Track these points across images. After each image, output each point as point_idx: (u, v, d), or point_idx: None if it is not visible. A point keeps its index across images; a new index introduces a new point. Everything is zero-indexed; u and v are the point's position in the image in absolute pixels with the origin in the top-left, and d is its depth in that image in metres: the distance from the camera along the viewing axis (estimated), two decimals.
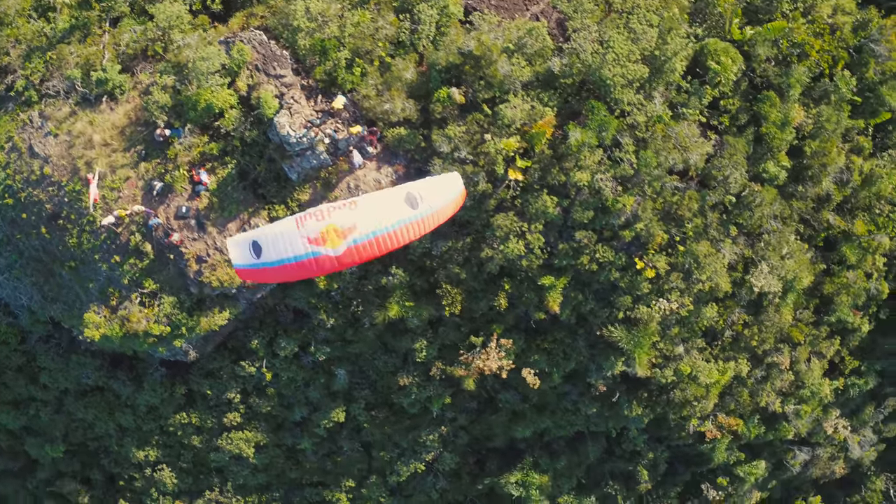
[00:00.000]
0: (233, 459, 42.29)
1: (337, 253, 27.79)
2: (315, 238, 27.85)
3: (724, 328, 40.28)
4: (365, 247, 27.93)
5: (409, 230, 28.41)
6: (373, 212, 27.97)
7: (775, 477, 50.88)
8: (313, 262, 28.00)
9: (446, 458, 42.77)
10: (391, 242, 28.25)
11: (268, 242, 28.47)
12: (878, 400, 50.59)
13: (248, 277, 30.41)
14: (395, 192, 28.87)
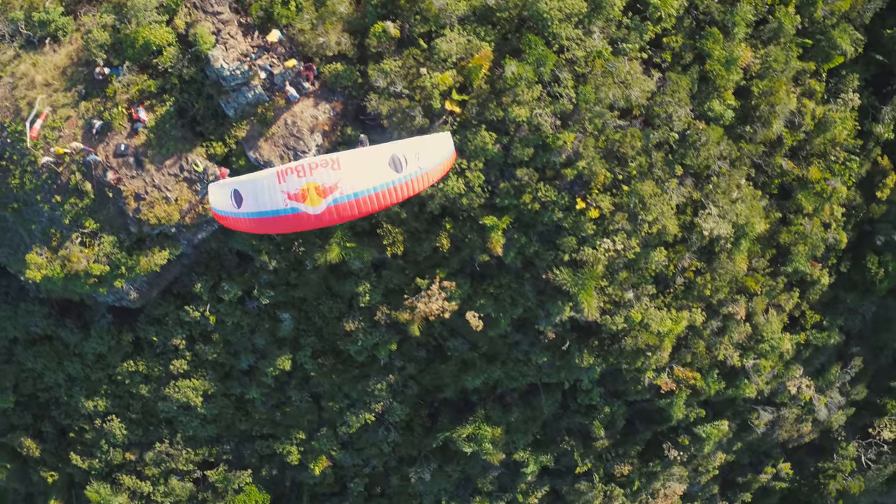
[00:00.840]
0: (181, 409, 42.41)
1: (316, 211, 27.89)
2: (295, 194, 27.90)
3: (675, 274, 40.10)
4: (345, 207, 27.94)
5: (391, 194, 28.49)
6: (355, 172, 28.00)
7: (740, 438, 50.57)
8: (291, 218, 28.10)
9: (396, 408, 42.74)
10: (371, 205, 28.40)
11: (248, 192, 28.48)
12: (845, 360, 50.21)
13: (227, 224, 30.45)
14: (380, 154, 28.75)
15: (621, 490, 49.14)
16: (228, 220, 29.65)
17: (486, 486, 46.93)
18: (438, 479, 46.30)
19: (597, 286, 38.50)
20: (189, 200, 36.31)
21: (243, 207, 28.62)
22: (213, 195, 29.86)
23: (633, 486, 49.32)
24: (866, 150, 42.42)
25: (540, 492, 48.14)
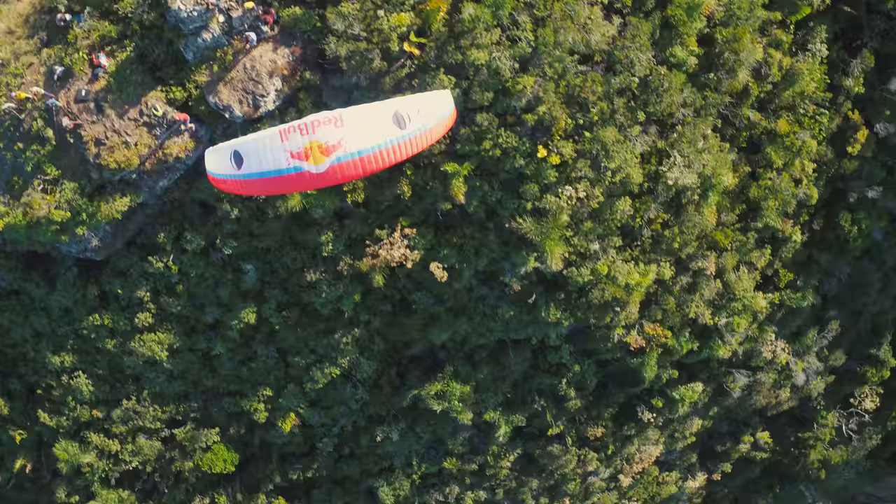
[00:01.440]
0: (147, 365, 42.57)
1: (319, 170, 27.62)
2: (298, 153, 27.64)
3: (642, 226, 40.13)
4: (349, 165, 27.71)
5: (396, 151, 28.18)
6: (359, 130, 27.70)
7: (717, 403, 50.44)
8: (295, 177, 27.84)
9: (364, 364, 42.80)
10: (376, 163, 28.07)
11: (250, 153, 28.09)
12: (822, 324, 50.05)
13: (226, 188, 30.19)
14: (383, 110, 28.61)
15: (595, 454, 49.04)
16: (228, 183, 29.36)
17: (458, 447, 46.89)
18: (408, 439, 46.30)
19: (561, 236, 38.53)
20: (148, 145, 36.56)
21: (244, 168, 28.37)
22: (211, 160, 29.54)
23: (608, 450, 49.24)
24: (836, 104, 42.41)
25: (512, 455, 48.08)
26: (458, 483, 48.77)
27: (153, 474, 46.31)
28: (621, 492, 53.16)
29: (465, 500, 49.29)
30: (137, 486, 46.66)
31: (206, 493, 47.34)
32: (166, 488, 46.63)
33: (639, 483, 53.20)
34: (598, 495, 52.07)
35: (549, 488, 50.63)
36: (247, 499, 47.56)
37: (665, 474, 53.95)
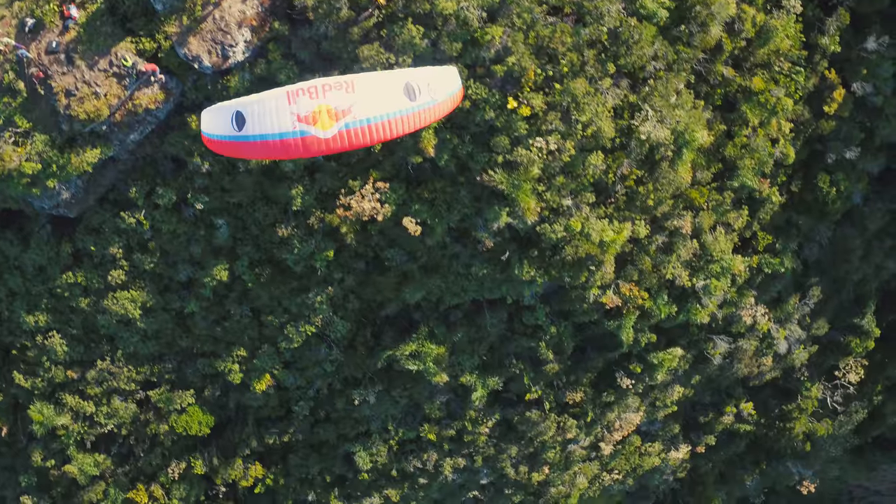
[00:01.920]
0: (121, 324, 42.75)
1: (326, 135, 26.94)
2: (305, 116, 27.03)
3: (615, 182, 40.21)
4: (357, 133, 27.22)
5: (405, 122, 27.95)
6: (370, 97, 27.34)
7: (698, 371, 50.37)
8: (300, 141, 27.21)
9: (338, 324, 42.91)
10: (384, 132, 27.76)
11: (254, 114, 27.40)
12: (803, 291, 49.96)
13: (222, 150, 29.01)
14: (394, 80, 28.42)
15: (574, 421, 49.02)
16: (225, 144, 28.42)
17: (434, 412, 46.93)
18: (385, 403, 46.36)
19: (533, 189, 38.66)
20: (118, 96, 36.84)
21: (245, 130, 27.78)
22: (208, 120, 28.77)
23: (587, 417, 49.20)
24: (813, 63, 42.45)
25: (490, 420, 48.09)
26: (437, 450, 48.78)
27: (129, 437, 46.46)
28: (603, 462, 53.09)
29: (444, 466, 49.28)
30: (113, 449, 46.82)
31: (182, 458, 47.45)
32: (142, 452, 46.76)
33: (620, 454, 53.12)
34: (579, 465, 52.01)
35: (529, 456, 50.59)
36: (223, 464, 47.63)
37: (648, 445, 53.86)
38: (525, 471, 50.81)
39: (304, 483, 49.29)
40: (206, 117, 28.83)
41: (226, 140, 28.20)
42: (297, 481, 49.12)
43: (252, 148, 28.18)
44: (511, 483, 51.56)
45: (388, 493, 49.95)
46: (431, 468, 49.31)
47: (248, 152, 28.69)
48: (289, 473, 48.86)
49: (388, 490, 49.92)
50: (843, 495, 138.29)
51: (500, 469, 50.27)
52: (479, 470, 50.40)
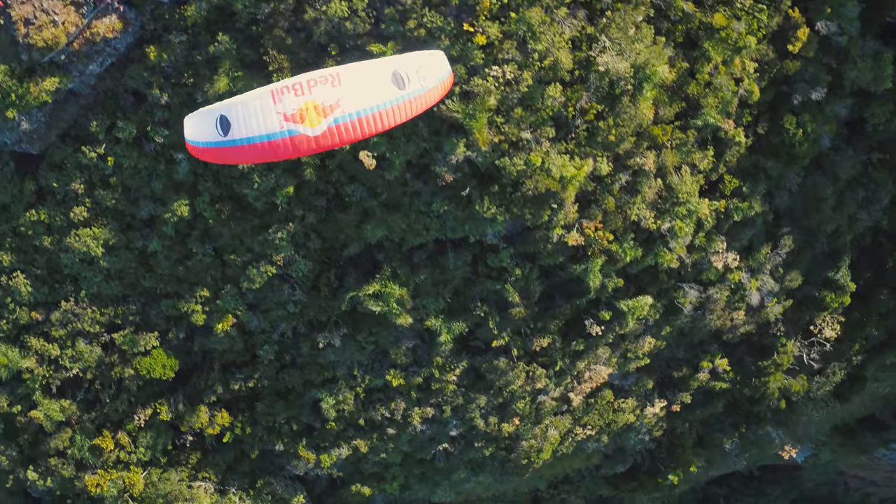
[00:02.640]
0: (85, 264, 43.17)
1: (315, 133, 26.27)
2: (292, 114, 26.30)
3: (574, 116, 40.47)
4: (346, 127, 26.52)
5: (395, 112, 27.14)
6: (358, 89, 26.70)
7: (669, 322, 50.40)
8: (288, 141, 26.53)
9: (300, 263, 43.25)
10: (375, 125, 27.02)
11: (239, 117, 26.79)
12: (775, 241, 49.98)
13: (209, 158, 28.70)
14: (381, 69, 27.59)
15: (544, 371, 49.09)
16: (211, 151, 28.11)
17: (401, 357, 47.10)
18: (350, 348, 46.59)
19: (491, 121, 38.99)
20: (76, 24, 37.42)
21: (231, 135, 27.12)
22: (191, 126, 28.37)
23: (556, 366, 49.26)
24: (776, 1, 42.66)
25: (458, 368, 48.20)
26: (405, 399, 48.92)
27: (94, 382, 46.78)
28: (575, 416, 53.07)
29: (412, 416, 49.41)
30: (79, 395, 47.15)
31: (148, 405, 47.73)
32: (108, 398, 47.07)
33: (594, 408, 53.11)
34: (551, 418, 52.02)
35: (499, 407, 50.67)
36: (189, 410, 47.86)
37: (621, 401, 53.84)
38: (495, 422, 50.86)
39: (271, 432, 49.47)
40: (189, 124, 28.52)
41: (212, 147, 27.80)
42: (265, 430, 49.32)
43: (240, 152, 27.51)
44: (481, 435, 51.61)
45: (357, 443, 50.10)
46: (400, 418, 49.43)
47: (236, 157, 28.04)
48: (256, 422, 49.07)
49: (356, 441, 50.09)
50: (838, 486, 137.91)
51: (470, 420, 50.32)
52: (449, 421, 50.47)
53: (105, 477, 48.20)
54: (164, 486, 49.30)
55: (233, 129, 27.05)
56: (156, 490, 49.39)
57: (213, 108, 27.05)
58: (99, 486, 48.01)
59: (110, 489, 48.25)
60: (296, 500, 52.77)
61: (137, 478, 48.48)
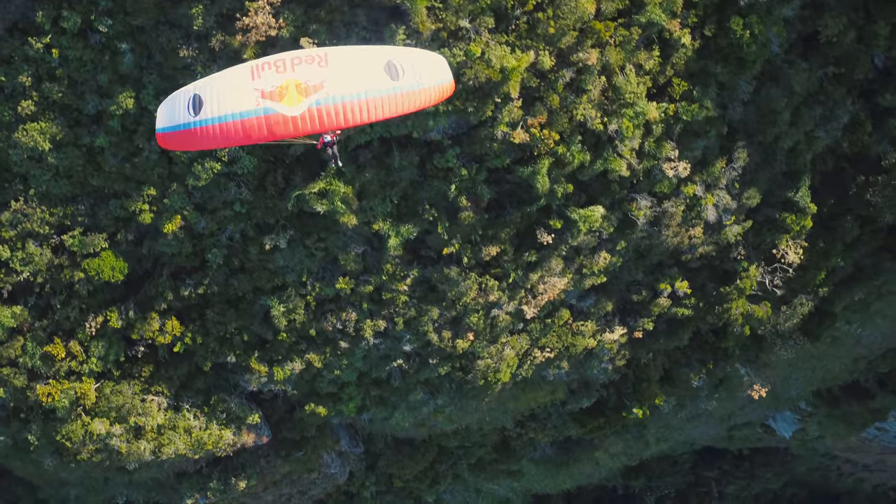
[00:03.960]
0: (33, 161, 43.97)
1: (293, 113, 24.81)
2: (271, 92, 24.83)
3: (514, 7, 41.13)
4: (329, 111, 25.02)
5: (384, 104, 25.78)
6: (345, 73, 25.24)
7: (624, 237, 50.69)
8: (263, 121, 24.96)
9: (245, 160, 43.94)
10: (360, 114, 25.56)
11: (213, 95, 25.35)
12: (730, 154, 50.20)
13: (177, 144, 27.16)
14: (375, 56, 26.52)
15: (496, 282, 49.39)
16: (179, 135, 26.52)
17: (350, 264, 47.54)
18: (298, 253, 47.15)
19: (430, 7, 39.71)
20: None
21: (202, 114, 25.66)
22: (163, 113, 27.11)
23: (509, 278, 49.53)
24: None
25: (409, 278, 48.58)
26: (356, 310, 49.30)
27: (44, 287, 47.45)
28: (533, 338, 53.24)
29: (364, 329, 49.80)
30: (30, 301, 47.84)
31: (99, 313, 48.31)
32: (59, 304, 47.69)
33: (551, 330, 53.28)
34: (507, 337, 52.21)
35: (452, 321, 50.98)
36: (139, 318, 48.41)
37: (580, 323, 53.99)
38: (449, 336, 51.12)
39: (223, 343, 49.98)
40: (160, 111, 27.11)
41: (179, 130, 26.37)
42: (216, 341, 49.83)
43: (209, 134, 26.01)
44: (436, 351, 51.86)
45: (310, 357, 50.52)
46: (352, 330, 49.81)
47: (204, 140, 26.44)
48: (207, 332, 49.58)
49: (309, 355, 50.50)
50: (831, 471, 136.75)
51: (423, 334, 50.58)
52: (402, 335, 50.76)
53: (57, 387, 48.74)
54: (117, 398, 49.85)
55: (205, 108, 25.71)
56: (108, 403, 49.92)
57: (189, 88, 25.98)
58: (50, 397, 48.57)
59: (62, 400, 48.77)
60: (251, 418, 53.19)
61: (89, 388, 49.04)
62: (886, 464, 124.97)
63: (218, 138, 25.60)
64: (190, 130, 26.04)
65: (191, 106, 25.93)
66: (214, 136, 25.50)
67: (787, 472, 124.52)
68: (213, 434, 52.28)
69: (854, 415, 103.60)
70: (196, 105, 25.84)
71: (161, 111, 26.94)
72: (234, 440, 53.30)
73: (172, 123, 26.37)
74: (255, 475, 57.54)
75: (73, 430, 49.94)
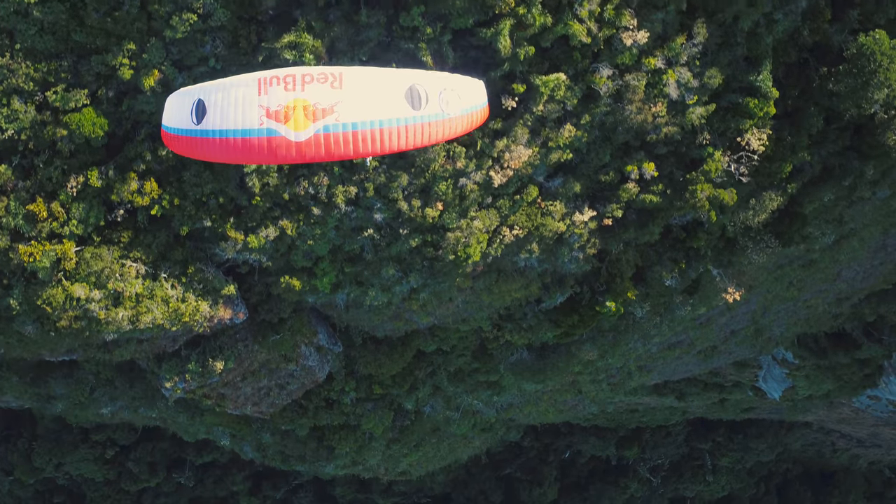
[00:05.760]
0: (18, 15, 46.69)
1: (298, 138, 23.11)
2: (276, 111, 23.25)
3: None
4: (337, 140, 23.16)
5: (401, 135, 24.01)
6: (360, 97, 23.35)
7: (588, 111, 52.72)
8: (265, 143, 23.32)
9: (219, 12, 46.50)
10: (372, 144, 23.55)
11: (217, 104, 23.86)
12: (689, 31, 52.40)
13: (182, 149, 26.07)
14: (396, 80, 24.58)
15: (463, 149, 51.54)
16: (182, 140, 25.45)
17: None
18: None
19: None
20: None
21: (204, 123, 24.34)
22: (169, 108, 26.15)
23: (476, 146, 51.65)
24: None
25: None
26: (328, 174, 51.39)
27: (28, 144, 49.77)
28: (502, 215, 55.10)
29: (336, 195, 51.85)
30: (14, 160, 50.21)
31: (80, 173, 50.62)
32: (42, 163, 50.03)
33: (520, 207, 55.16)
34: (476, 211, 54.10)
35: (422, 190, 52.97)
36: (119, 178, 50.68)
37: (549, 203, 55.85)
38: (418, 205, 53.08)
39: (199, 207, 52.14)
40: (168, 106, 26.12)
41: (182, 135, 25.26)
42: (193, 204, 52.00)
43: (210, 146, 24.56)
44: (406, 221, 53.77)
45: (284, 224, 52.61)
46: (324, 196, 51.89)
47: (206, 151, 25.01)
48: (184, 196, 51.78)
49: (283, 221, 52.57)
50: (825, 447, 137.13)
51: (394, 201, 52.59)
52: (373, 203, 52.73)
53: (38, 248, 50.89)
54: (97, 263, 51.96)
55: (207, 117, 24.32)
56: (88, 267, 52.02)
57: (194, 90, 24.57)
58: (32, 257, 50.71)
59: (43, 260, 50.88)
60: (226, 289, 55.12)
61: (70, 248, 51.13)
62: (880, 437, 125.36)
63: (218, 152, 24.15)
64: (191, 138, 25.07)
65: (194, 112, 24.70)
66: (215, 148, 24.24)
67: (780, 444, 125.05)
68: (190, 305, 54.24)
69: (842, 367, 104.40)
70: (199, 112, 24.64)
71: (168, 106, 25.90)
72: (211, 313, 55.18)
73: (175, 126, 25.52)
74: (233, 358, 59.24)
75: (54, 294, 52.02)
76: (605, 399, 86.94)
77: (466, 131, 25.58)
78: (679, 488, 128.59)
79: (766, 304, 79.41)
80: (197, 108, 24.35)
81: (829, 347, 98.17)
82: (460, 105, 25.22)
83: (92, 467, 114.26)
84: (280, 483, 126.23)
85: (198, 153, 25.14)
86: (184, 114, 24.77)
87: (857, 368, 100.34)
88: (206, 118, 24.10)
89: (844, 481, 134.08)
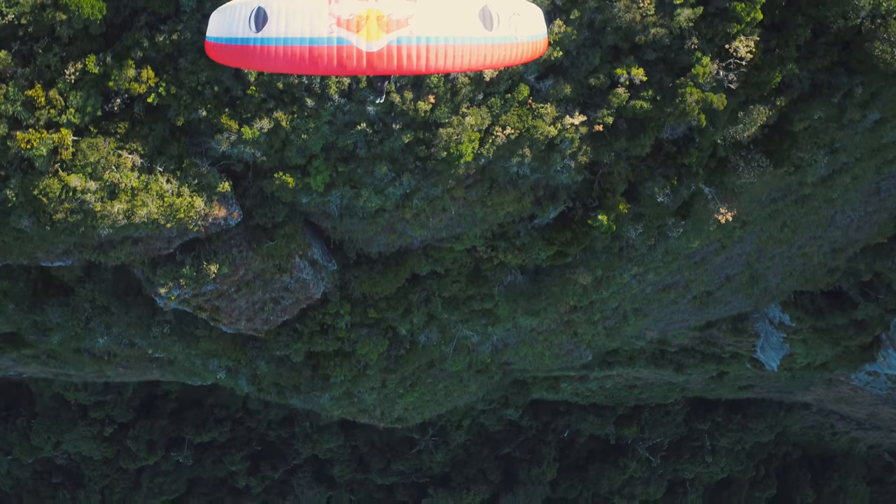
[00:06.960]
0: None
1: (370, 48, 22.63)
2: (347, 20, 22.61)
3: None
4: (409, 53, 22.75)
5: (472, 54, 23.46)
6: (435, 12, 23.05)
7: (576, 5, 53.79)
8: (334, 52, 22.68)
9: None
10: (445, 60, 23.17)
11: (280, 11, 22.81)
12: None
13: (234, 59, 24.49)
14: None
15: None
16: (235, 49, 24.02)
17: None
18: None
19: None
20: None
21: (265, 32, 23.32)
22: (217, 21, 24.73)
23: None
24: None
25: None
26: None
27: (28, 30, 50.66)
28: (494, 114, 55.81)
29: (329, 85, 52.64)
30: (14, 46, 51.09)
31: (78, 61, 51.49)
32: (41, 49, 50.92)
33: (511, 106, 55.89)
34: (468, 107, 54.83)
35: (414, 83, 53.68)
36: (117, 65, 51.54)
37: (539, 106, 56.60)
38: (410, 98, 53.78)
39: (195, 97, 52.87)
40: (215, 18, 24.95)
41: (237, 43, 24.06)
42: (188, 93, 52.75)
43: (270, 55, 23.62)
44: (399, 116, 54.43)
45: (278, 115, 53.31)
46: (317, 87, 52.59)
47: (264, 61, 23.98)
48: (181, 84, 52.56)
49: (277, 113, 53.26)
50: (825, 429, 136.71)
51: (386, 92, 53.25)
52: (366, 96, 53.46)
53: (36, 136, 51.60)
54: (93, 153, 52.62)
55: (269, 25, 23.33)
56: (84, 158, 52.68)
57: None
58: (30, 143, 51.39)
59: (40, 147, 51.55)
60: (221, 186, 55.64)
61: (67, 136, 51.83)
62: (879, 417, 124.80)
63: (280, 61, 23.17)
64: (248, 47, 23.77)
65: (252, 19, 23.55)
66: (276, 58, 23.26)
67: (779, 424, 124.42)
68: (185, 199, 54.75)
69: (839, 329, 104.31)
70: (259, 19, 23.51)
71: (215, 17, 24.83)
72: (206, 210, 55.65)
73: (227, 35, 24.13)
74: (227, 263, 59.54)
75: (51, 184, 52.62)
76: (602, 345, 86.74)
77: (529, 58, 25.67)
78: (678, 469, 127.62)
79: (760, 245, 79.75)
80: (256, 16, 23.32)
81: (826, 308, 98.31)
82: (528, 31, 25.02)
83: (90, 445, 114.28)
84: (279, 463, 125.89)
85: (255, 63, 24.10)
86: (240, 22, 23.60)
87: (854, 332, 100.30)
88: (268, 25, 23.11)
89: (844, 465, 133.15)
